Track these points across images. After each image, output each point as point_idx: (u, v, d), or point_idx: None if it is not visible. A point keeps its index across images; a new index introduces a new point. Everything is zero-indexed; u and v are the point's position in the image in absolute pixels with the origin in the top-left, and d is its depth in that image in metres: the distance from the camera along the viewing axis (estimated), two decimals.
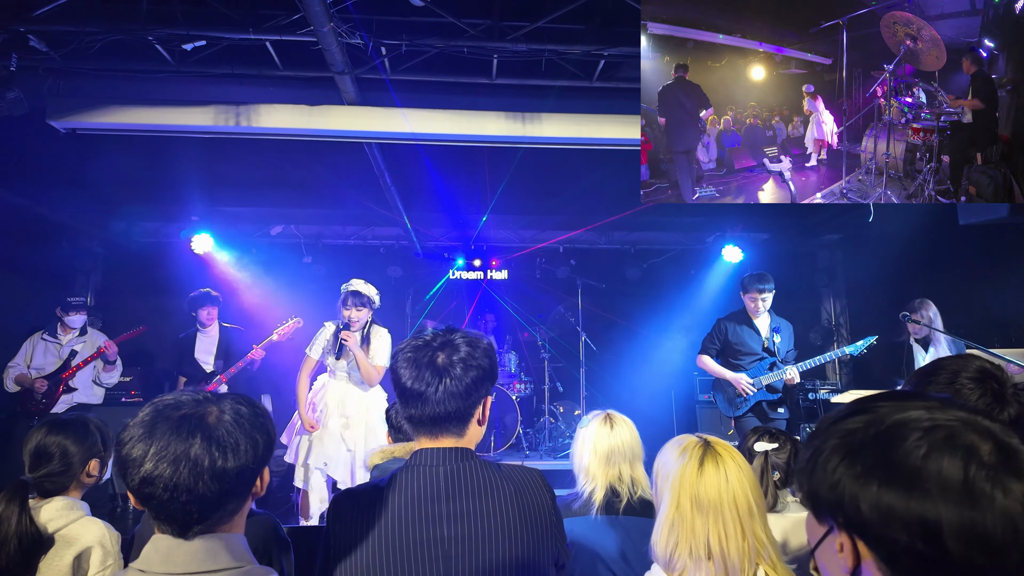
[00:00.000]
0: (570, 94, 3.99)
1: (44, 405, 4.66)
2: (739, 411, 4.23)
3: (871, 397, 0.74)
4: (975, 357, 1.69)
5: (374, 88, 3.86)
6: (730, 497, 1.21)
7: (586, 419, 2.21)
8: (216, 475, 0.99)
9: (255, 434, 1.05)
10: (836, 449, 0.70)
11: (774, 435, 2.27)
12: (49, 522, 1.74)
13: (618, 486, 2.05)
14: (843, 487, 0.68)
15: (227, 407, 1.06)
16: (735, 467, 1.25)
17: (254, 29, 3.42)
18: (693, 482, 1.23)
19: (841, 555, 0.70)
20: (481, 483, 1.27)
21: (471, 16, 3.60)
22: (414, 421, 1.33)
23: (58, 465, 1.83)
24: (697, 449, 1.29)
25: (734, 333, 4.32)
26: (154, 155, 5.26)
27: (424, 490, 1.25)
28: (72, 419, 1.96)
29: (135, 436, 1.00)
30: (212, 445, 1.00)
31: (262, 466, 1.08)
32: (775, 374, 4.15)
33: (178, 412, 1.02)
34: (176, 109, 3.71)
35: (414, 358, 1.30)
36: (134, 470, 0.98)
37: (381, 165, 4.81)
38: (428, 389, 1.27)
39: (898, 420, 0.67)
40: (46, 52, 3.49)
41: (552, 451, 6.21)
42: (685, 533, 1.21)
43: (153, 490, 0.98)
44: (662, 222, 7.19)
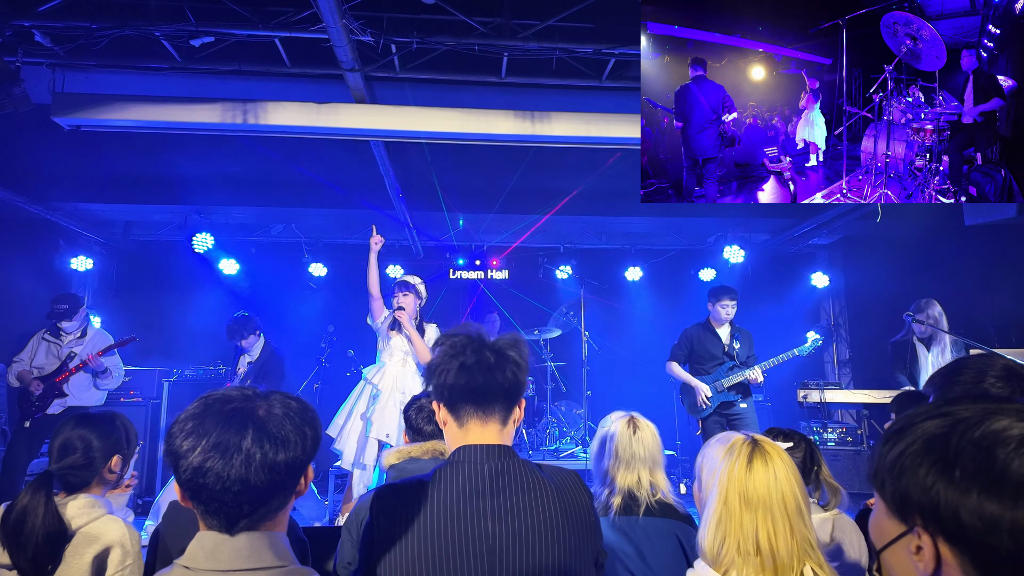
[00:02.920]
0: (579, 93, 3.98)
1: (38, 407, 4.61)
2: (704, 412, 4.69)
3: (946, 400, 0.76)
4: (999, 356, 1.70)
5: (383, 86, 3.84)
6: (779, 495, 1.21)
7: (609, 419, 2.20)
8: (267, 466, 1.00)
9: (304, 427, 1.07)
10: (925, 454, 0.71)
11: (788, 434, 2.28)
12: (73, 519, 1.74)
13: (636, 492, 2.03)
14: (938, 493, 0.69)
15: (276, 401, 1.07)
16: (783, 465, 1.24)
17: (263, 26, 3.39)
18: (742, 478, 1.23)
19: (917, 557, 0.71)
20: (525, 481, 1.27)
21: (481, 14, 3.59)
22: (471, 393, 1.32)
23: (81, 458, 1.84)
24: (745, 447, 1.29)
25: (699, 341, 4.83)
26: (154, 153, 5.23)
27: (469, 485, 1.25)
28: (99, 414, 1.97)
29: (186, 429, 1.01)
30: (263, 437, 1.01)
31: (309, 459, 1.09)
32: (735, 376, 4.64)
33: (228, 406, 1.03)
34: (183, 106, 3.67)
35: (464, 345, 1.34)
36: (185, 462, 0.99)
37: (387, 163, 4.78)
38: (485, 363, 1.31)
39: (993, 428, 0.68)
40: (51, 48, 3.45)
41: (555, 452, 6.19)
42: (734, 529, 1.20)
43: (205, 481, 0.98)
44: (663, 222, 7.21)
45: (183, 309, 6.91)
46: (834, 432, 6.02)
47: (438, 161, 5.38)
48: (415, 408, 2.44)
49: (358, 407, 4.08)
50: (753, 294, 6.95)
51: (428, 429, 2.43)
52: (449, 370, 1.33)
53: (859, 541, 2.16)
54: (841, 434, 6.00)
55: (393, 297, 4.25)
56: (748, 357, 4.76)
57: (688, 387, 4.80)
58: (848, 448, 5.96)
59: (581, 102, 4.00)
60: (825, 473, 2.29)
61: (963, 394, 0.81)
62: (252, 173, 5.70)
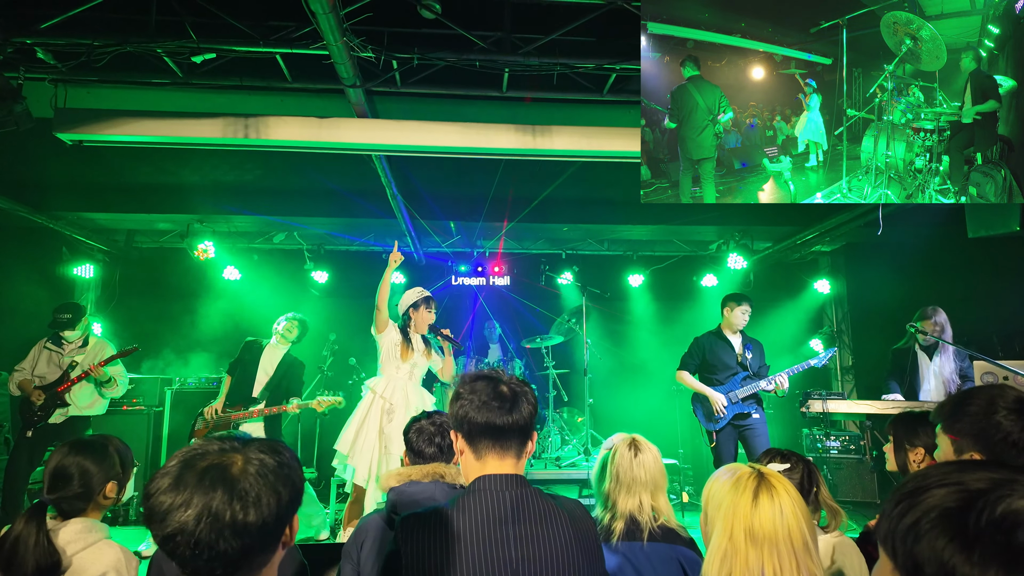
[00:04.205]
0: (580, 106, 3.97)
1: (39, 416, 4.62)
2: (719, 424, 4.55)
3: (957, 466, 0.77)
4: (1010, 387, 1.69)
5: (384, 100, 3.84)
6: (785, 531, 1.20)
7: (610, 441, 2.19)
8: (237, 531, 0.95)
9: (279, 487, 1.01)
10: (941, 528, 0.73)
11: (785, 456, 2.27)
12: (67, 544, 1.73)
13: (638, 516, 2.03)
14: (954, 567, 0.70)
15: (252, 456, 1.02)
16: (789, 500, 1.24)
17: (264, 42, 3.39)
18: (747, 514, 1.23)
19: None
20: (542, 509, 1.37)
21: (482, 28, 3.59)
22: (491, 430, 1.41)
23: (77, 486, 1.84)
24: (751, 480, 1.28)
25: (711, 350, 4.69)
26: (156, 163, 5.24)
27: (492, 513, 1.33)
28: (92, 440, 1.96)
29: (162, 487, 0.98)
30: (233, 498, 0.96)
31: (286, 521, 1.05)
32: (749, 387, 4.52)
33: (203, 462, 1.00)
34: (184, 121, 3.67)
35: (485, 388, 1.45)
36: (158, 524, 0.96)
37: (388, 175, 4.78)
38: (505, 404, 1.42)
39: (1013, 508, 0.70)
40: (53, 64, 3.45)
41: (556, 461, 6.18)
42: (739, 565, 1.19)
43: (175, 547, 0.95)
44: (665, 229, 7.19)
45: (185, 317, 6.92)
46: (837, 440, 6.00)
47: (439, 169, 5.38)
48: (415, 430, 2.43)
49: (370, 421, 4.01)
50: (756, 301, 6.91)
51: (429, 451, 2.43)
52: (471, 408, 1.42)
53: (860, 563, 2.15)
54: (844, 442, 5.99)
55: (416, 310, 4.22)
56: (761, 367, 4.68)
57: (700, 396, 4.70)
58: (852, 456, 5.94)
59: (582, 115, 4.00)
60: (824, 495, 2.28)
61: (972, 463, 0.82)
62: (253, 182, 5.71)
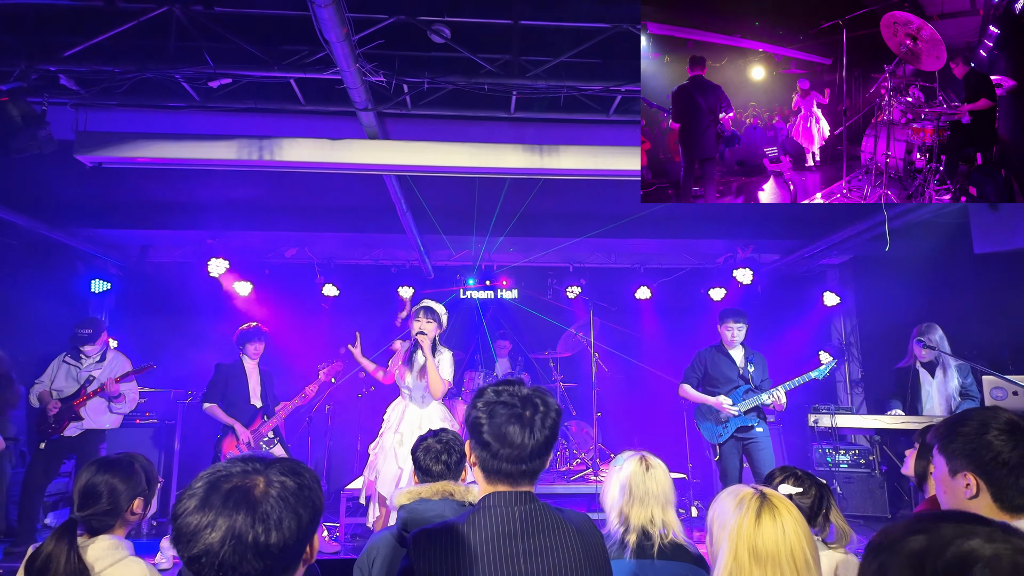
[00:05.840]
0: (587, 126, 4.03)
1: (54, 428, 4.70)
2: (722, 438, 4.62)
3: (933, 516, 0.81)
4: (1002, 409, 1.72)
5: (395, 121, 3.92)
6: (787, 550, 1.25)
7: (620, 458, 2.25)
8: (260, 552, 0.98)
9: (299, 509, 1.04)
10: (903, 571, 0.78)
11: (799, 478, 2.30)
12: (96, 561, 1.79)
13: (650, 528, 2.09)
14: None
15: (274, 478, 1.05)
16: (792, 520, 1.28)
17: (278, 67, 3.49)
18: (751, 534, 1.27)
19: None
20: (551, 523, 1.40)
21: (490, 51, 3.66)
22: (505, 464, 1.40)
23: (106, 504, 1.90)
24: (754, 501, 1.33)
25: (713, 364, 4.76)
26: (170, 181, 5.35)
27: (502, 529, 1.36)
28: (119, 459, 2.02)
29: (188, 508, 1.01)
30: (256, 521, 0.99)
31: (306, 542, 1.08)
32: (751, 400, 4.57)
33: (228, 484, 1.02)
34: (200, 143, 3.76)
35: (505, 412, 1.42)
36: (185, 544, 0.99)
37: (398, 192, 4.86)
38: (522, 438, 1.40)
39: (962, 551, 0.75)
40: (76, 90, 3.56)
41: (565, 475, 6.19)
42: None
43: (200, 568, 0.98)
44: (672, 242, 7.23)
45: (198, 331, 7.01)
46: (847, 455, 5.98)
47: (447, 185, 5.45)
48: (422, 449, 2.49)
49: (392, 438, 4.00)
50: (764, 314, 6.93)
51: (437, 469, 2.49)
52: (487, 424, 1.43)
53: None
54: (854, 456, 5.97)
55: (415, 320, 4.13)
56: (762, 381, 4.74)
57: (704, 409, 4.76)
58: (862, 470, 5.91)
59: (589, 135, 4.06)
60: (835, 515, 2.30)
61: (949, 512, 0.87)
62: (266, 200, 5.81)
